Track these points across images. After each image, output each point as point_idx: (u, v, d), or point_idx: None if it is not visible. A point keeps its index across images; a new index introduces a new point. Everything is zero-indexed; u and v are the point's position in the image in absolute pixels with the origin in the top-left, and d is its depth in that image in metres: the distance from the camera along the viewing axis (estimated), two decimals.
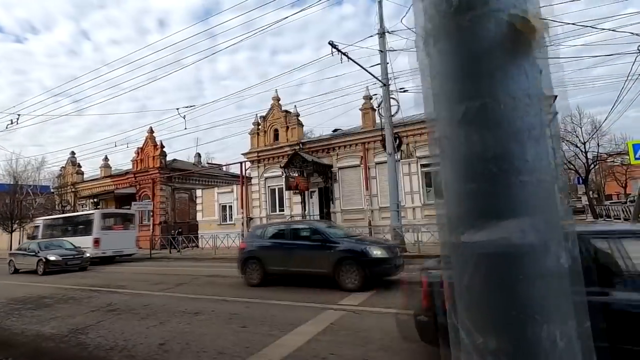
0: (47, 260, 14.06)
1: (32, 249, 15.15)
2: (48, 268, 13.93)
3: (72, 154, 35.90)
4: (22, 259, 15.27)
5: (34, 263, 14.35)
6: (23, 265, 15.16)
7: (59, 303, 8.12)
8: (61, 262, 14.29)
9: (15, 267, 15.57)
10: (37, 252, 14.59)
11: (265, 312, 6.13)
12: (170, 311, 6.62)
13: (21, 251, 15.95)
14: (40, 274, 13.82)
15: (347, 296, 6.85)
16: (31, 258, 14.64)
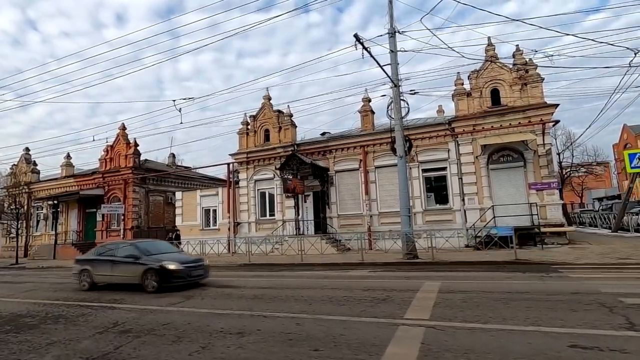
0: (165, 270, 9.24)
1: (128, 253, 10.16)
2: (166, 282, 9.14)
3: (27, 150, 32.36)
4: (110, 269, 10.21)
5: (137, 274, 9.52)
6: (111, 278, 10.22)
7: (45, 323, 6.65)
8: (184, 272, 9.46)
9: (92, 280, 10.40)
10: (140, 258, 9.79)
11: (325, 330, 5.24)
12: (203, 331, 5.52)
13: (104, 256, 10.67)
14: (151, 290, 9.15)
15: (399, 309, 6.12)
16: (129, 267, 9.81)
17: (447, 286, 7.89)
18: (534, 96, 15.29)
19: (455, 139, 16.48)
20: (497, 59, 16.15)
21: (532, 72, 15.45)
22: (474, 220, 15.54)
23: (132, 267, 9.69)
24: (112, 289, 9.99)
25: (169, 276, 9.20)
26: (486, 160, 15.74)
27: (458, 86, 16.76)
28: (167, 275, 9.21)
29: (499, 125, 15.70)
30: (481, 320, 5.27)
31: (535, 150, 15.00)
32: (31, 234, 29.95)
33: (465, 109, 16.43)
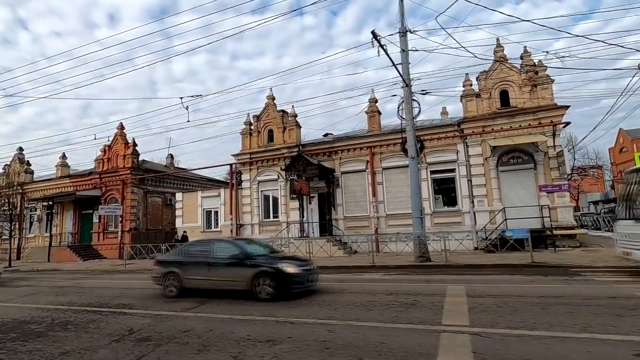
0: (282, 274, 7.67)
1: (231, 253, 8.44)
2: (284, 288, 7.63)
3: (20, 150, 31.58)
4: (206, 271, 8.46)
5: (245, 278, 7.87)
6: (208, 282, 8.40)
7: (54, 330, 6.23)
8: (303, 276, 7.93)
9: (181, 285, 8.66)
10: (247, 259, 8.15)
11: (361, 337, 4.92)
12: (229, 339, 5.16)
13: (196, 257, 8.87)
14: (265, 297, 7.61)
15: (437, 314, 5.83)
16: (234, 270, 8.14)
17: (473, 290, 7.61)
18: (544, 98, 15.19)
19: (464, 141, 16.30)
20: (507, 60, 16.04)
21: (542, 73, 15.35)
22: (483, 223, 15.35)
23: (237, 270, 7.98)
24: (201, 295, 8.32)
25: (287, 281, 7.59)
26: (496, 161, 15.58)
27: (467, 87, 16.62)
28: (286, 281, 7.60)
29: (508, 127, 15.56)
30: (527, 327, 4.99)
31: (545, 152, 14.88)
32: (24, 235, 29.12)
33: (474, 110, 16.27)
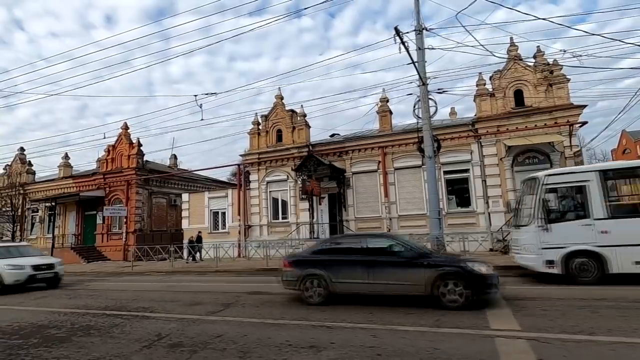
0: (475, 276, 6.32)
1: (397, 250, 7.06)
2: (480, 293, 6.34)
3: (21, 150, 31.17)
4: (364, 273, 6.91)
5: (423, 281, 6.47)
6: (370, 286, 6.88)
7: (76, 335, 5.92)
8: (495, 278, 6.63)
9: (328, 289, 7.12)
10: (422, 258, 6.73)
11: (409, 342, 4.66)
12: (268, 345, 4.89)
13: (345, 254, 7.39)
14: (451, 305, 6.23)
15: (482, 317, 5.58)
16: (404, 271, 6.68)
17: (507, 292, 7.36)
18: (559, 97, 15.02)
19: (479, 140, 16.10)
20: (521, 59, 15.87)
21: (557, 72, 15.19)
22: (498, 224, 15.13)
23: (409, 272, 6.58)
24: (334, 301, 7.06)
25: (482, 285, 6.24)
26: (511, 161, 15.38)
27: (480, 87, 16.43)
28: (480, 284, 6.23)
29: (524, 127, 15.37)
30: (584, 332, 4.74)
31: (562, 152, 14.69)
32: (25, 237, 28.66)
33: (488, 109, 16.08)
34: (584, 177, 8.50)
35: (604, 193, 8.21)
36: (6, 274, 11.21)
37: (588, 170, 8.77)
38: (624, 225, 7.92)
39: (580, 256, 8.13)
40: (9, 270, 11.29)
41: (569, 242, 8.21)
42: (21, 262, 11.68)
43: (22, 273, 11.38)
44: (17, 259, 11.86)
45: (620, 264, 7.79)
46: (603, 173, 8.41)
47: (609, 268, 7.88)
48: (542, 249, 8.42)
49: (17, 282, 11.22)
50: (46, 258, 13.02)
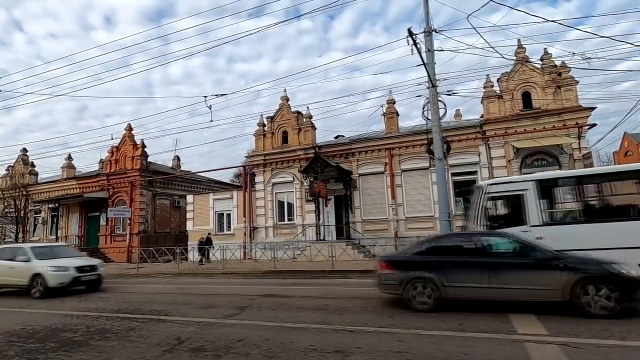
0: (623, 280, 5.72)
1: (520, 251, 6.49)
2: (628, 299, 5.72)
3: (24, 151, 31.03)
4: (484, 276, 6.31)
5: (560, 285, 5.91)
6: (492, 291, 6.29)
7: (93, 339, 5.83)
8: None
9: (439, 294, 6.51)
10: (551, 260, 6.20)
11: (437, 347, 4.59)
12: (293, 349, 4.81)
13: (457, 255, 6.82)
14: (597, 312, 5.66)
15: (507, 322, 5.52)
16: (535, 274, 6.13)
17: None
18: (568, 99, 15.00)
19: (487, 142, 16.06)
20: (529, 62, 15.86)
21: (566, 74, 15.17)
22: None
23: (541, 275, 6.01)
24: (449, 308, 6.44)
25: (631, 290, 5.64)
26: (519, 163, 15.34)
27: (488, 89, 16.41)
28: (630, 289, 5.63)
29: (532, 129, 15.34)
30: (614, 336, 4.68)
31: (571, 154, 14.66)
32: (28, 238, 28.51)
33: (496, 111, 16.05)
34: (522, 187, 8.92)
35: (539, 202, 8.61)
36: (50, 276, 10.33)
37: (526, 180, 9.16)
38: (555, 231, 8.28)
39: None
40: (53, 272, 10.41)
41: None
42: (64, 263, 10.82)
43: (66, 275, 10.51)
44: (60, 259, 11.02)
45: None
46: (539, 183, 8.81)
47: None
48: None
49: (61, 285, 10.39)
50: (88, 259, 12.23)
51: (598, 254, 6.66)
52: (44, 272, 10.40)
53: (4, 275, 11.12)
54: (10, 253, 11.49)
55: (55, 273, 10.43)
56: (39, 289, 10.36)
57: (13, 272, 10.93)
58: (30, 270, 10.55)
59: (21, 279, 10.67)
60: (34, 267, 10.59)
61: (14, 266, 10.97)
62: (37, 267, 10.53)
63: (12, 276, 11.01)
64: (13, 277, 10.95)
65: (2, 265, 11.16)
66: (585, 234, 7.98)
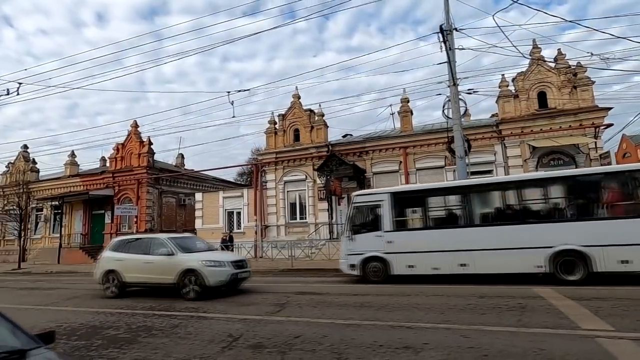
0: None
1: None
2: None
3: (25, 147, 30.49)
4: None
5: None
6: None
7: (140, 336, 5.68)
8: None
9: None
10: None
11: (508, 342, 4.52)
12: (358, 345, 4.72)
13: None
14: None
15: (563, 317, 5.48)
16: None
17: (571, 293, 7.26)
18: (584, 99, 15.10)
19: (502, 142, 16.11)
20: (544, 61, 15.94)
21: (582, 75, 15.28)
22: None
23: None
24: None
25: None
26: (536, 163, 15.41)
27: (503, 88, 16.46)
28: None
29: (548, 128, 15.42)
30: None
31: (587, 153, 14.75)
32: (29, 236, 28.01)
33: (511, 111, 16.11)
34: (380, 198, 10.34)
35: (392, 211, 10.04)
36: (208, 273, 8.46)
37: (383, 192, 10.69)
38: (402, 236, 9.89)
39: (373, 261, 9.97)
40: (211, 267, 8.57)
41: (366, 249, 10.06)
42: (218, 257, 9.22)
43: (224, 272, 8.65)
44: (208, 253, 9.49)
45: (398, 267, 9.68)
46: (393, 195, 10.25)
47: (391, 270, 9.74)
48: (347, 255, 10.31)
49: (220, 284, 8.59)
50: (233, 254, 11.00)
51: (433, 255, 9.20)
52: (199, 267, 8.52)
53: (140, 272, 9.16)
54: (143, 246, 9.54)
55: (213, 269, 8.56)
56: (193, 288, 8.48)
57: (153, 268, 8.99)
58: (179, 265, 8.70)
59: (165, 276, 8.79)
60: (182, 261, 8.75)
61: (152, 261, 9.05)
62: (188, 262, 8.71)
63: (151, 273, 9.03)
64: (153, 274, 9.01)
65: (134, 260, 9.29)
66: (423, 238, 9.71)
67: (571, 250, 8.30)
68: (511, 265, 8.78)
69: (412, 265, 9.56)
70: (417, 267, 9.51)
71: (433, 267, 9.34)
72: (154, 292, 9.59)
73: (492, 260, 8.85)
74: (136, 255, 9.42)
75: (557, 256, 8.40)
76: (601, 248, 7.92)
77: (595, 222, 8.45)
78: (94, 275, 10.20)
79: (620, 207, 8.50)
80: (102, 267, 9.80)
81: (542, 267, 8.55)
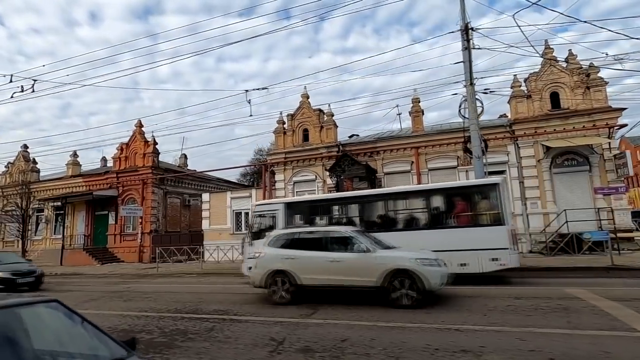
0: None
1: None
2: None
3: (25, 147, 30.01)
4: None
5: None
6: None
7: (177, 340, 5.49)
8: None
9: None
10: None
11: (569, 345, 4.41)
12: (412, 349, 4.58)
13: None
14: None
15: (610, 318, 5.38)
16: None
17: (605, 293, 7.18)
18: (597, 100, 15.11)
19: (515, 142, 16.07)
20: (557, 62, 15.94)
21: (595, 75, 15.29)
22: (536, 225, 15.10)
23: None
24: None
25: None
26: (549, 163, 15.38)
27: (515, 88, 16.43)
28: None
29: (562, 129, 15.40)
30: None
31: (601, 154, 14.75)
32: (29, 237, 27.52)
33: (524, 111, 16.08)
34: (275, 207, 11.57)
35: (285, 219, 11.15)
36: (429, 274, 6.83)
37: (278, 202, 12.15)
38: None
39: None
40: (429, 267, 6.98)
41: None
42: (425, 254, 7.37)
43: (441, 273, 7.14)
44: (400, 250, 7.79)
45: None
46: (286, 204, 11.58)
47: None
48: (248, 259, 10.79)
49: (440, 287, 7.11)
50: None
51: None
52: (414, 267, 6.86)
53: (323, 273, 7.48)
54: (321, 241, 7.90)
55: (431, 269, 6.98)
56: (407, 293, 6.82)
57: (342, 268, 7.31)
58: (383, 265, 7.06)
59: (362, 277, 7.17)
60: (388, 260, 7.16)
61: (342, 259, 7.42)
62: (397, 261, 7.13)
63: (340, 274, 7.34)
64: (342, 275, 7.32)
65: (313, 258, 7.68)
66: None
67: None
68: None
69: None
70: None
71: None
72: None
73: None
74: (315, 253, 7.72)
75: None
76: (448, 253, 8.57)
77: (442, 230, 9.79)
78: (250, 278, 8.37)
79: (459, 218, 9.93)
80: (266, 266, 8.02)
81: None
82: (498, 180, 9.90)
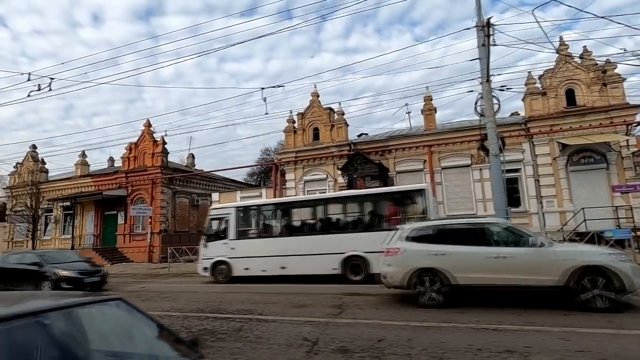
0: None
1: None
2: None
3: (33, 147, 30.08)
4: None
5: None
6: None
7: (209, 340, 5.39)
8: None
9: None
10: None
11: (621, 347, 4.27)
12: (453, 349, 4.46)
13: None
14: None
15: None
16: None
17: None
18: (614, 96, 14.89)
19: (531, 140, 15.88)
20: (572, 58, 15.73)
21: (611, 72, 15.07)
22: (552, 223, 14.89)
23: None
24: None
25: None
26: (565, 161, 15.18)
27: (530, 85, 16.24)
28: None
29: (578, 126, 15.19)
30: None
31: (619, 151, 14.54)
32: (38, 237, 27.58)
33: (539, 108, 15.88)
34: (227, 211, 12.33)
35: (236, 222, 12.08)
36: (629, 270, 5.92)
37: (230, 206, 12.76)
38: (241, 244, 11.88)
39: (220, 264, 11.93)
40: (626, 263, 6.10)
41: (215, 255, 12.03)
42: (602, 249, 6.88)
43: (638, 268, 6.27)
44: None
45: (237, 269, 11.71)
46: (237, 209, 12.42)
47: (232, 272, 11.73)
48: (202, 260, 12.29)
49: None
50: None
51: (262, 259, 11.40)
52: (610, 264, 5.91)
53: (485, 271, 6.43)
54: (474, 234, 6.87)
55: (629, 265, 6.06)
56: (600, 294, 5.86)
57: (510, 265, 6.28)
58: (566, 261, 6.09)
59: (538, 276, 6.18)
60: (572, 256, 6.24)
61: (509, 255, 6.37)
62: (584, 257, 6.19)
63: (507, 272, 6.29)
64: (511, 273, 6.27)
65: (470, 254, 6.62)
66: (254, 246, 11.80)
67: (356, 256, 10.50)
68: (316, 268, 10.72)
69: (248, 267, 11.54)
70: (251, 269, 11.50)
71: (262, 270, 11.32)
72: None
73: (302, 264, 10.85)
74: (471, 248, 6.67)
75: (347, 260, 10.58)
76: (377, 254, 8.62)
77: (372, 232, 10.44)
78: (387, 277, 7.20)
79: (388, 220, 10.71)
80: (409, 264, 6.93)
81: (337, 269, 10.56)
82: (424, 186, 11.35)
